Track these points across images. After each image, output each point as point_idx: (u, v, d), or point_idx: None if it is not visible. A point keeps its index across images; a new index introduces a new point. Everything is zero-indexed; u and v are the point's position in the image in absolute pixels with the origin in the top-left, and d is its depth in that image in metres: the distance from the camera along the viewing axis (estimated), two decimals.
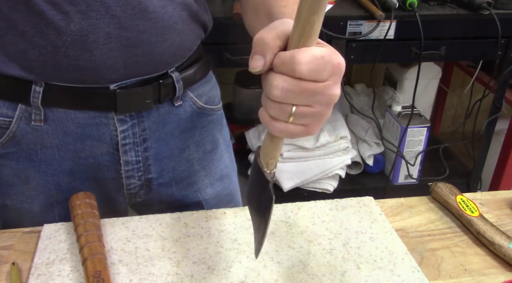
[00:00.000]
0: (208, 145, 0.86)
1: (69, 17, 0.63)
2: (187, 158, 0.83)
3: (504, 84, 1.71)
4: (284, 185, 1.76)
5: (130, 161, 0.76)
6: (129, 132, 0.74)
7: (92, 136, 0.73)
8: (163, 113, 0.77)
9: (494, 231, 0.72)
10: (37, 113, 0.70)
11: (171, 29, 0.70)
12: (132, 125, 0.74)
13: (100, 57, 0.66)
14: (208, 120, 0.84)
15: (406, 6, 1.51)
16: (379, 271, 0.67)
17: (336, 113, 1.91)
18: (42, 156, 0.73)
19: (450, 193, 0.80)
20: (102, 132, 0.73)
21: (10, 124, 0.71)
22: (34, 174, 0.74)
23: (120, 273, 0.65)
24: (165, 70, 0.74)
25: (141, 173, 0.79)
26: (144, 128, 0.75)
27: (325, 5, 0.43)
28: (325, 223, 0.75)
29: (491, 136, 1.82)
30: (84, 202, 0.71)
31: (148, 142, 0.77)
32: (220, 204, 0.88)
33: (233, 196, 0.92)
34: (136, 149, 0.76)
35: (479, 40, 1.61)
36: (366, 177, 1.91)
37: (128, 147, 0.75)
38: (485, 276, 0.68)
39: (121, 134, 0.74)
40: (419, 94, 1.72)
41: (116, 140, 0.74)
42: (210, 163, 0.87)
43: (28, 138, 0.72)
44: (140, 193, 0.81)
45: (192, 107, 0.81)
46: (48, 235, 0.70)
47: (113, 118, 0.72)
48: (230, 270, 0.66)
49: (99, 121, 0.72)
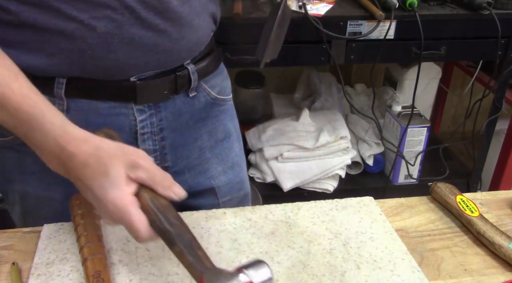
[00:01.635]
0: (220, 134, 0.89)
1: (95, 22, 0.66)
2: (200, 147, 0.87)
3: (504, 84, 1.71)
4: (284, 185, 1.76)
5: (148, 149, 0.79)
6: (147, 122, 0.78)
7: (112, 125, 0.75)
8: (178, 104, 0.80)
9: (494, 231, 0.72)
10: (60, 104, 0.73)
11: (189, 26, 0.74)
12: (150, 115, 0.77)
13: (124, 57, 0.70)
14: (220, 110, 0.88)
15: (406, 6, 1.51)
16: (379, 271, 0.67)
17: (336, 113, 1.92)
18: None
19: (450, 193, 0.80)
20: (122, 122, 0.76)
21: None
22: None
23: (120, 273, 0.65)
24: (182, 63, 0.77)
25: (157, 162, 0.81)
26: (161, 118, 0.79)
27: None
28: (325, 223, 0.75)
29: (491, 136, 1.81)
30: (84, 202, 0.71)
31: (164, 132, 0.80)
32: (231, 191, 0.92)
33: (243, 184, 0.96)
34: (154, 139, 0.79)
35: (479, 40, 1.61)
36: (366, 177, 1.91)
37: (146, 136, 0.79)
38: (485, 276, 0.68)
39: (140, 124, 0.77)
40: (419, 94, 1.71)
41: (135, 130, 0.77)
42: (222, 152, 0.90)
43: None
44: None
45: (206, 98, 0.84)
46: (48, 235, 0.70)
47: (132, 108, 0.76)
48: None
49: (119, 111, 0.75)
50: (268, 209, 0.77)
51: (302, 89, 2.12)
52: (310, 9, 1.50)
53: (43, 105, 0.61)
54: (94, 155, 0.59)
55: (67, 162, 0.60)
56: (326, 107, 1.97)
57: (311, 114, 1.87)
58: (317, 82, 2.03)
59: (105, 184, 0.58)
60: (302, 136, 1.78)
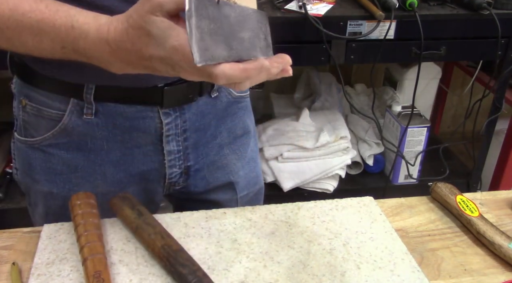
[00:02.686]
0: (239, 130, 0.90)
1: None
2: (219, 143, 0.88)
3: (504, 84, 1.71)
4: (284, 185, 1.76)
5: (172, 150, 0.81)
6: (173, 124, 0.79)
7: (139, 128, 0.77)
8: (201, 105, 0.81)
9: (494, 231, 0.72)
10: (88, 107, 0.74)
11: None
12: (175, 117, 0.79)
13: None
14: (239, 107, 0.89)
15: (406, 6, 1.51)
16: (379, 271, 0.67)
17: (336, 113, 1.92)
18: (91, 146, 0.78)
19: (450, 193, 0.80)
20: (148, 125, 0.77)
21: (62, 117, 0.75)
22: (82, 163, 0.79)
23: (120, 273, 0.65)
24: None
25: (181, 162, 0.83)
26: (185, 119, 0.80)
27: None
28: (325, 223, 0.75)
29: (491, 136, 1.81)
30: (84, 202, 0.71)
31: (187, 132, 0.82)
32: (248, 186, 0.94)
33: (258, 178, 0.98)
34: (177, 139, 0.81)
35: (479, 40, 1.61)
36: (366, 177, 1.91)
37: (171, 138, 0.80)
38: (485, 276, 0.68)
39: (165, 126, 0.78)
40: (419, 94, 1.72)
41: (161, 132, 0.79)
42: (240, 147, 0.91)
43: (79, 130, 0.76)
44: (179, 181, 0.86)
45: (227, 97, 0.85)
46: (48, 235, 0.70)
47: (158, 111, 0.77)
48: (230, 270, 0.66)
49: (145, 115, 0.77)
50: (268, 209, 0.77)
51: (302, 89, 2.12)
52: (310, 9, 1.50)
53: (74, 12, 0.58)
54: (127, 28, 0.54)
55: (120, 51, 0.56)
56: (326, 107, 1.97)
57: (311, 114, 1.87)
58: (317, 82, 2.03)
59: (153, 42, 0.53)
60: (302, 136, 1.78)
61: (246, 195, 0.95)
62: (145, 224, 0.68)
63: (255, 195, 0.98)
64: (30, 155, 0.79)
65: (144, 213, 0.70)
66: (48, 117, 0.76)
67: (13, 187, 1.73)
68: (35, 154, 0.79)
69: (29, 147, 0.79)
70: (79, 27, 0.57)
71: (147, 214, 0.71)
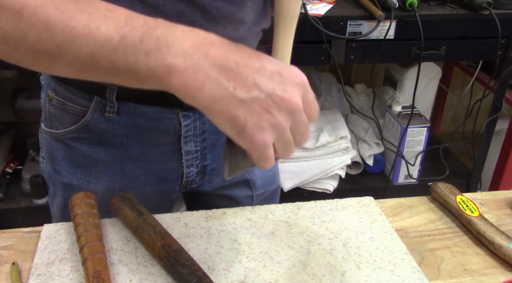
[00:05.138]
0: None
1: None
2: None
3: (504, 84, 1.71)
4: (284, 185, 1.76)
5: (190, 151, 0.83)
6: (191, 126, 0.81)
7: (158, 128, 0.79)
8: None
9: (494, 231, 0.72)
10: (111, 106, 0.76)
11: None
12: (194, 119, 0.80)
13: None
14: None
15: (406, 6, 1.51)
16: (379, 271, 0.67)
17: (336, 113, 1.92)
18: (112, 142, 0.79)
19: (450, 193, 0.80)
20: (167, 125, 0.79)
21: (85, 113, 0.77)
22: (103, 157, 0.81)
23: (120, 273, 0.65)
24: None
25: (198, 161, 0.85)
26: (204, 121, 0.82)
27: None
28: (325, 223, 0.75)
29: (491, 136, 1.81)
30: (84, 202, 0.71)
31: (205, 134, 0.83)
32: (265, 185, 0.95)
33: (275, 177, 0.99)
34: (195, 140, 0.82)
35: (479, 40, 1.61)
36: (366, 177, 1.91)
37: (189, 139, 0.82)
38: (485, 276, 0.68)
39: (184, 128, 0.80)
40: (419, 94, 1.72)
41: (179, 133, 0.80)
42: None
43: (101, 127, 0.78)
44: (196, 180, 0.87)
45: None
46: (48, 235, 0.70)
47: (177, 113, 0.78)
48: (230, 270, 0.66)
49: (164, 116, 0.78)
50: (268, 209, 0.77)
51: None
52: (310, 9, 1.50)
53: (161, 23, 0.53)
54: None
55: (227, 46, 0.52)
56: (326, 107, 1.97)
57: None
58: (317, 82, 2.03)
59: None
60: None
61: (262, 193, 0.95)
62: (145, 224, 0.68)
63: (271, 194, 0.98)
64: (54, 146, 0.82)
65: (144, 213, 0.70)
66: (72, 112, 0.78)
67: (13, 187, 1.73)
68: (58, 145, 0.82)
69: (53, 138, 0.82)
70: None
71: (147, 214, 0.71)
